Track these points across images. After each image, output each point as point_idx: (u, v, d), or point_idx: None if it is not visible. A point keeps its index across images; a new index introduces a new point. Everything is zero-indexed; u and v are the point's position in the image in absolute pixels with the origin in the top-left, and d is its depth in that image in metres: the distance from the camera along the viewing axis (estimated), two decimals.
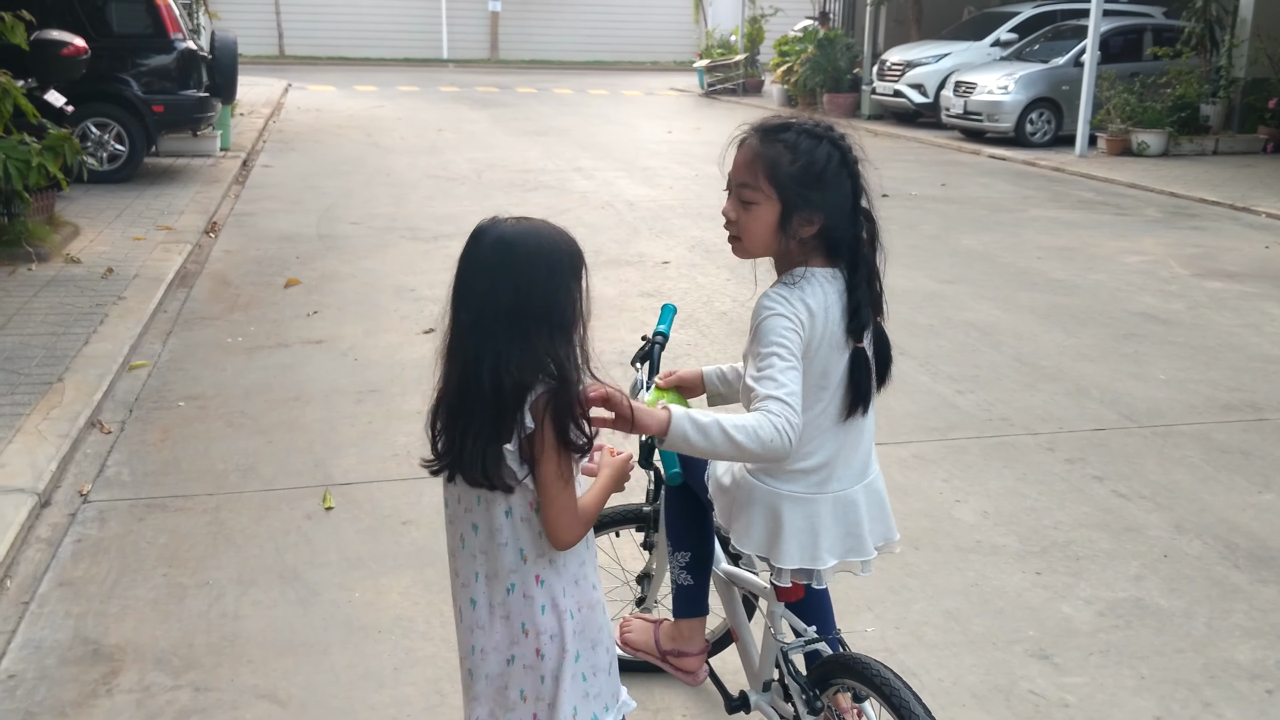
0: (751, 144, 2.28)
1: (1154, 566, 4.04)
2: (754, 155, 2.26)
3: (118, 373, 5.69)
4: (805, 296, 2.24)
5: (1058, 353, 6.56)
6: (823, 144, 2.25)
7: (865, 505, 2.41)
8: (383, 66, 31.10)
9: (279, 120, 17.81)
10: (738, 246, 2.33)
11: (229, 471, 4.70)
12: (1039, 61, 17.27)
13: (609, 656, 2.21)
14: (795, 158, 2.23)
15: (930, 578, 3.92)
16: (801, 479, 2.35)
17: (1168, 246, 9.75)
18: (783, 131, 2.26)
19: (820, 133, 2.27)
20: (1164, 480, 4.80)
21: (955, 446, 5.13)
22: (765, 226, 2.25)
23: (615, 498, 2.34)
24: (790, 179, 2.22)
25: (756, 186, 2.24)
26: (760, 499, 2.37)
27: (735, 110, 22.92)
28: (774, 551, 2.37)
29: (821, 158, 2.24)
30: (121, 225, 9.05)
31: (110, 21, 11.11)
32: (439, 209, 10.61)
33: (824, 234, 2.26)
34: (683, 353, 6.34)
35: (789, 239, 2.26)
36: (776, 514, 2.36)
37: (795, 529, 2.35)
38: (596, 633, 2.18)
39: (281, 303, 7.28)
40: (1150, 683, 3.33)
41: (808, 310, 2.23)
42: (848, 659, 2.45)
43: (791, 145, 2.24)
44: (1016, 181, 13.61)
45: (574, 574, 2.15)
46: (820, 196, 2.23)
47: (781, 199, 2.23)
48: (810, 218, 2.24)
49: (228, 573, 3.87)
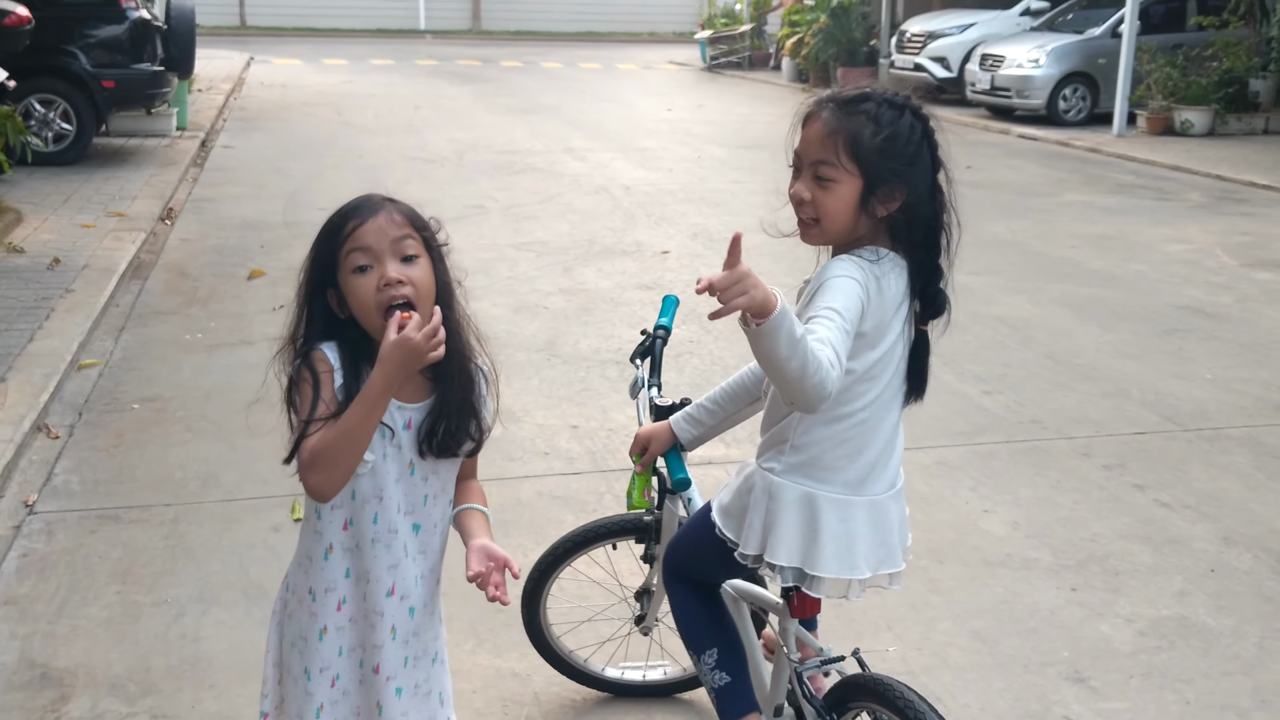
0: (826, 117, 2.29)
1: (1200, 582, 4.06)
2: (831, 129, 2.27)
3: (66, 372, 5.69)
4: (882, 275, 2.27)
5: (1094, 350, 6.59)
6: (905, 115, 2.28)
7: (895, 514, 2.45)
8: (354, 38, 31.08)
9: (241, 97, 17.81)
10: (812, 231, 2.33)
11: (188, 480, 4.70)
12: (1073, 32, 17.31)
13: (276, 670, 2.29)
14: (878, 130, 2.25)
15: (956, 594, 3.94)
16: (840, 479, 2.36)
17: (1214, 234, 9.78)
18: (862, 102, 2.28)
19: (901, 103, 2.30)
20: (1210, 488, 4.82)
21: (983, 452, 5.14)
22: (846, 206, 2.27)
23: (611, 508, 2.34)
24: (875, 153, 2.24)
25: (836, 163, 2.26)
26: (794, 500, 2.37)
27: (740, 85, 22.97)
28: (810, 559, 2.36)
29: (905, 129, 2.27)
30: (69, 211, 9.05)
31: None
32: (416, 193, 10.55)
33: (902, 212, 2.28)
34: (685, 350, 6.36)
35: (867, 216, 2.28)
36: (813, 516, 2.36)
37: (832, 534, 2.36)
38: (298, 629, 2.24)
39: (245, 296, 7.28)
40: (1196, 708, 3.35)
41: (879, 290, 2.26)
42: (869, 680, 2.47)
43: (873, 116, 2.26)
44: (1049, 164, 13.64)
45: (300, 555, 2.24)
46: (904, 171, 2.26)
47: (864, 174, 2.25)
48: (892, 193, 2.27)
49: (187, 590, 3.87)
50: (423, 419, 2.13)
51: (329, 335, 2.11)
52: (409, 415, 2.12)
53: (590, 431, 5.28)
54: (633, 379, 2.97)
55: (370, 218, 2.07)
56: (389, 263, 2.04)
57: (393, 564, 2.17)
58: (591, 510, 4.40)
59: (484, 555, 2.12)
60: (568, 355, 6.33)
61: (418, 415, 2.13)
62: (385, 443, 2.10)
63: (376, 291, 2.03)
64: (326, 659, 2.20)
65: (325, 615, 2.19)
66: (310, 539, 2.20)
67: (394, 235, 2.06)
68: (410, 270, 2.05)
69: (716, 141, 14.75)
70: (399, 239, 2.06)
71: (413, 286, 2.04)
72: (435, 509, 2.22)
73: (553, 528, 4.19)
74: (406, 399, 2.11)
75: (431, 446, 2.13)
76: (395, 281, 2.02)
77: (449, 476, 2.23)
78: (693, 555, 2.71)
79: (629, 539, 3.16)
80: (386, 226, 2.06)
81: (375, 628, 2.19)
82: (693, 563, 2.73)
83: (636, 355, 2.96)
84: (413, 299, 2.03)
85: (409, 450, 2.13)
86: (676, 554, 2.78)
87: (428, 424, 2.13)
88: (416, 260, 2.07)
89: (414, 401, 2.13)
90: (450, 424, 2.13)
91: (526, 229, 9.30)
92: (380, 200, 2.13)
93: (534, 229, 9.31)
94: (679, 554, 2.77)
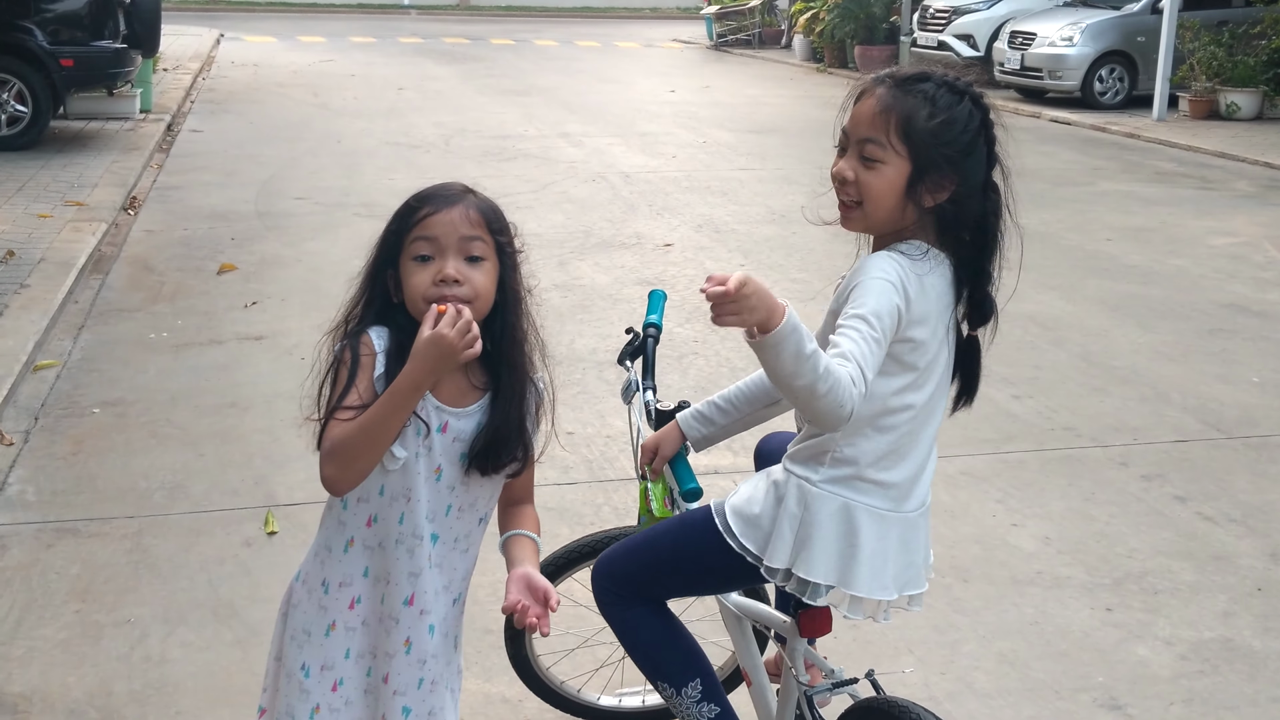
0: (881, 94, 2.31)
1: (1245, 602, 4.07)
2: (885, 107, 2.29)
3: (20, 374, 5.70)
4: (924, 273, 2.28)
5: (1132, 351, 6.59)
6: (964, 101, 2.30)
7: (923, 533, 2.47)
8: (332, 13, 31.16)
9: (209, 77, 17.84)
10: (854, 215, 2.34)
11: (153, 490, 4.71)
12: (1109, 8, 17.33)
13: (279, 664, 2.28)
14: (934, 112, 2.28)
15: (982, 615, 3.95)
16: (881, 492, 2.37)
17: (1262, 226, 9.79)
18: (920, 82, 2.31)
19: (962, 88, 2.32)
20: (1257, 501, 4.83)
21: (1011, 461, 5.15)
22: (892, 189, 2.28)
23: (610, 520, 2.34)
24: (928, 134, 2.26)
25: (885, 143, 2.27)
26: (833, 513, 2.36)
27: (750, 65, 22.99)
28: (848, 577, 2.36)
29: (963, 116, 2.29)
30: (24, 200, 9.06)
31: None
32: (399, 182, 10.61)
33: (951, 203, 2.29)
34: (689, 350, 6.37)
35: (913, 205, 2.29)
36: (853, 530, 2.36)
37: (870, 551, 2.37)
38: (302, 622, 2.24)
39: (214, 292, 7.30)
40: None
41: (921, 290, 2.26)
42: (885, 704, 2.47)
43: (930, 98, 2.29)
44: (1083, 150, 13.65)
45: (318, 545, 2.24)
46: (958, 160, 2.28)
47: (913, 158, 2.27)
48: (942, 182, 2.28)
49: (152, 609, 3.88)
50: (464, 427, 2.12)
51: (383, 319, 2.12)
52: (446, 418, 2.11)
53: (587, 438, 5.29)
54: (625, 383, 2.93)
55: (445, 209, 2.08)
56: (451, 259, 2.05)
57: (414, 571, 2.16)
58: (589, 523, 4.41)
59: (523, 585, 2.13)
60: (562, 356, 6.33)
61: (456, 421, 2.12)
62: (419, 440, 2.09)
63: (431, 285, 2.04)
64: (330, 657, 2.19)
65: (336, 610, 2.19)
66: (332, 528, 2.20)
67: (463, 232, 2.07)
68: (472, 271, 2.07)
69: (723, 126, 14.76)
70: (468, 237, 2.08)
71: (471, 288, 2.05)
72: (459, 523, 2.21)
73: (548, 541, 4.14)
74: (448, 401, 2.11)
75: (472, 460, 2.13)
76: (452, 279, 2.04)
77: (481, 494, 2.22)
78: (675, 569, 2.63)
79: None
80: (459, 221, 2.08)
81: (389, 634, 2.18)
82: (671, 578, 2.65)
83: (626, 356, 2.93)
84: (468, 299, 2.04)
85: (439, 454, 2.12)
86: (643, 571, 2.67)
87: (471, 435, 2.12)
88: (481, 263, 2.09)
89: (456, 405, 2.12)
90: (495, 439, 2.13)
91: (518, 220, 9.07)
92: (461, 191, 2.15)
93: (526, 220, 9.27)
94: (647, 570, 2.67)
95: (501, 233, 2.14)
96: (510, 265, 2.16)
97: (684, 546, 2.60)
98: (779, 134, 14.12)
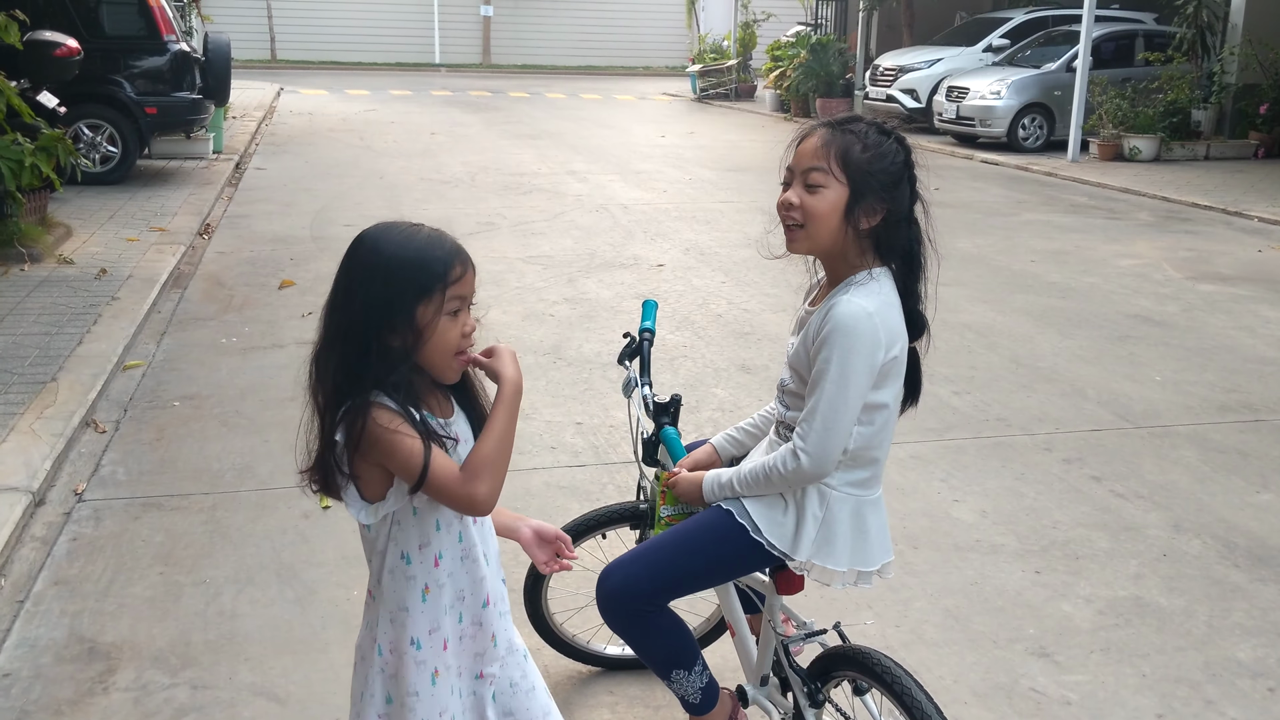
0: (822, 133, 2.32)
1: (1153, 565, 4.05)
2: (825, 142, 2.30)
3: (112, 372, 5.66)
4: (885, 297, 2.27)
5: (1053, 354, 6.57)
6: (890, 140, 2.31)
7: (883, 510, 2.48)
8: (375, 71, 31.07)
9: (271, 123, 17.79)
10: (798, 236, 2.32)
11: (225, 471, 4.68)
12: (1031, 67, 17.33)
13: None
14: (867, 146, 2.28)
15: (929, 576, 3.92)
16: (872, 478, 2.40)
17: (1161, 250, 9.78)
18: (853, 123, 2.32)
19: (888, 130, 2.33)
20: (1162, 480, 4.81)
21: (953, 447, 5.13)
22: (832, 210, 2.27)
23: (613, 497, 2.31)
24: (864, 163, 2.26)
25: (827, 170, 2.27)
26: (850, 512, 2.38)
27: (728, 115, 22.97)
28: (860, 559, 2.39)
29: (890, 152, 2.29)
30: (114, 226, 9.02)
31: (103, 23, 11.08)
32: (433, 211, 10.59)
33: (884, 227, 2.29)
34: (679, 354, 6.33)
35: (851, 228, 2.28)
36: (862, 522, 2.39)
37: (875, 532, 2.41)
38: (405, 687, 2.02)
39: (276, 304, 7.26)
40: (1151, 680, 3.33)
41: (888, 305, 2.27)
42: (850, 650, 2.45)
43: (862, 135, 2.29)
44: (1009, 186, 13.64)
45: (391, 609, 2.03)
46: (886, 188, 2.27)
47: (850, 184, 2.26)
48: (875, 207, 2.27)
49: (224, 571, 3.85)
50: (464, 430, 2.03)
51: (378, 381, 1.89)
52: (454, 429, 2.01)
53: (593, 428, 5.26)
54: (625, 379, 2.92)
55: (471, 267, 1.96)
56: (466, 312, 1.97)
57: (481, 576, 2.06)
58: (595, 499, 4.38)
59: (539, 542, 2.20)
60: (572, 358, 6.30)
61: (460, 427, 2.03)
62: (454, 454, 1.97)
63: (461, 337, 1.94)
64: (444, 702, 2.04)
65: (434, 659, 2.03)
66: (400, 590, 2.01)
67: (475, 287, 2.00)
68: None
69: (706, 165, 14.73)
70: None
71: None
72: None
73: (560, 515, 4.17)
74: (444, 414, 2.01)
75: None
76: (472, 330, 1.97)
77: None
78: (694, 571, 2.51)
79: (623, 527, 3.12)
80: (474, 279, 1.98)
81: (475, 639, 2.07)
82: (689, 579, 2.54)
83: (625, 357, 2.92)
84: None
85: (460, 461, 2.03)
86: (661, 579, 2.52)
87: (471, 434, 2.03)
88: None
89: (448, 416, 2.02)
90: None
91: (533, 244, 9.27)
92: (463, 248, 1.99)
93: (540, 244, 9.28)
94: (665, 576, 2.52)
95: None
96: None
97: (707, 548, 2.48)
98: (753, 172, 14.08)
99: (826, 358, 2.23)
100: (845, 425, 2.25)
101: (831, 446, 2.25)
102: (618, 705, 3.20)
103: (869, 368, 2.24)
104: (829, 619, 2.86)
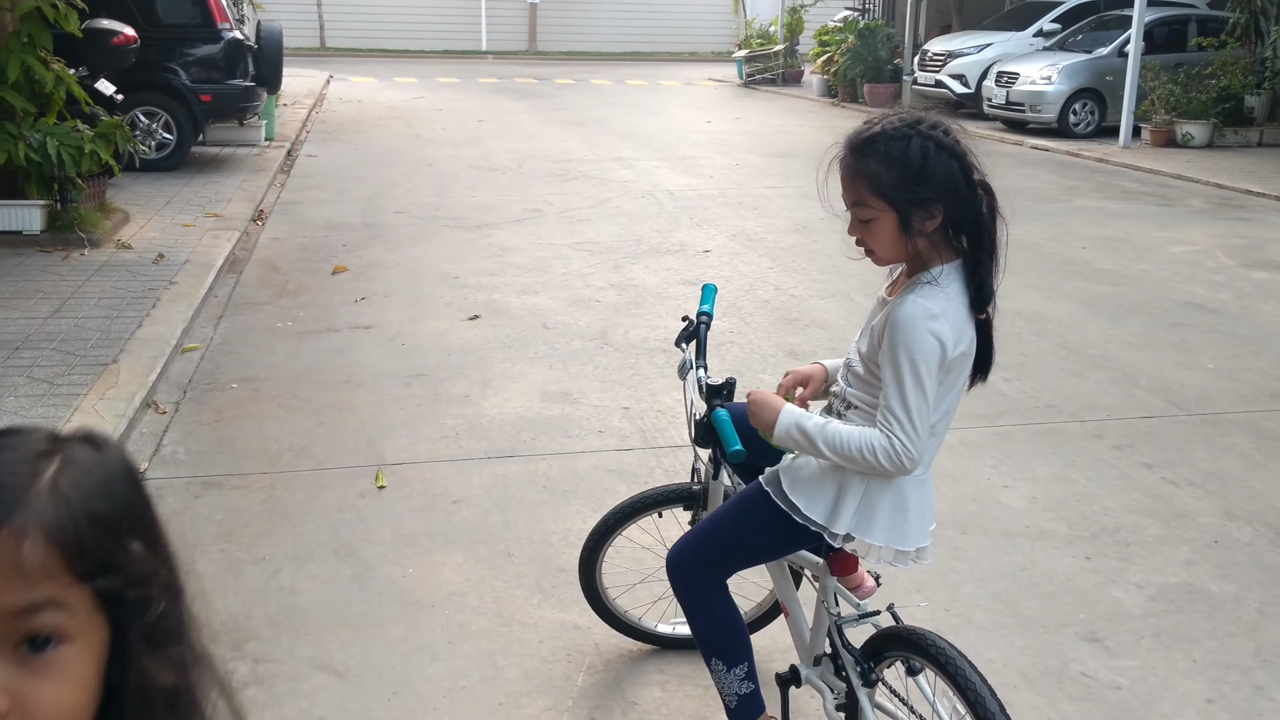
0: (846, 162, 2.28)
1: (1204, 552, 4.03)
2: (853, 174, 2.27)
3: (171, 355, 5.77)
4: (948, 289, 2.28)
5: (1104, 341, 6.52)
6: (912, 140, 2.23)
7: (930, 490, 2.47)
8: (422, 58, 31.21)
9: (322, 111, 17.94)
10: (874, 258, 2.35)
11: (282, 451, 4.76)
12: (1082, 52, 17.11)
13: None
14: (890, 166, 2.22)
15: (979, 561, 3.93)
16: (925, 465, 2.39)
17: (1214, 237, 9.65)
18: (872, 144, 2.25)
19: (906, 131, 2.24)
20: (1213, 467, 4.77)
21: (1002, 433, 5.11)
22: (889, 237, 2.27)
23: (660, 480, 2.34)
24: (894, 187, 2.22)
25: (866, 204, 2.25)
26: (892, 489, 2.37)
27: (774, 100, 22.87)
28: (899, 536, 2.38)
29: (916, 154, 2.22)
30: (171, 212, 9.17)
31: (159, 11, 11.24)
32: (481, 199, 10.66)
33: (947, 221, 2.27)
34: (726, 340, 6.35)
35: (915, 238, 2.26)
36: (903, 499, 2.38)
37: (916, 512, 2.40)
38: None
39: (329, 289, 7.35)
40: (1202, 666, 3.33)
41: (950, 300, 2.27)
42: (904, 631, 2.47)
43: (883, 156, 2.23)
44: (1060, 172, 13.50)
45: None
46: (929, 189, 2.22)
47: (894, 207, 2.23)
48: (929, 212, 2.24)
49: (284, 548, 3.93)
50: None
51: None
52: None
53: (640, 412, 5.29)
54: (681, 361, 2.95)
55: None
56: None
57: None
58: (643, 482, 4.41)
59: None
60: (619, 344, 6.34)
61: None
62: None
63: None
64: None
65: None
66: None
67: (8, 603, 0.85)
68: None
69: (753, 151, 14.70)
70: (24, 610, 0.84)
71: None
72: None
73: (608, 497, 4.21)
74: None
75: None
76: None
77: None
78: (741, 546, 2.58)
79: (676, 507, 3.16)
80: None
81: None
82: (740, 554, 2.61)
83: (682, 339, 2.94)
84: None
85: None
86: (714, 553, 2.60)
87: None
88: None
89: None
90: None
91: (580, 230, 9.32)
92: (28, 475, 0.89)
93: (587, 230, 9.32)
94: (718, 551, 2.60)
95: (110, 567, 0.87)
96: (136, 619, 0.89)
97: (750, 523, 2.54)
98: (800, 158, 14.03)
99: (897, 361, 2.24)
100: (927, 422, 2.26)
101: (922, 448, 2.26)
102: (668, 683, 3.24)
103: (937, 366, 2.25)
104: (881, 602, 2.88)
